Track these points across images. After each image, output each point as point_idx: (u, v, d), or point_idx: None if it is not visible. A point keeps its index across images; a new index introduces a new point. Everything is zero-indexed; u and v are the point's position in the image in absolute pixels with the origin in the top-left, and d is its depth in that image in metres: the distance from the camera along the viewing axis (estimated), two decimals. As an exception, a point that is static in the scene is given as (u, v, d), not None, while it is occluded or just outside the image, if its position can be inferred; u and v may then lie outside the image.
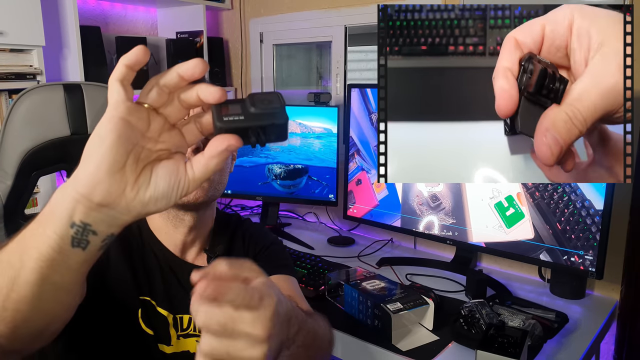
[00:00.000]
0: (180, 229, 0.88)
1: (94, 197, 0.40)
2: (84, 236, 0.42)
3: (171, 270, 0.88)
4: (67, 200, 0.41)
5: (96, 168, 0.40)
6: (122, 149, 0.40)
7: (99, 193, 0.40)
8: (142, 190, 0.42)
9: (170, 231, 0.88)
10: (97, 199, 0.40)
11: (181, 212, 0.86)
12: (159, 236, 0.89)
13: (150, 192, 0.42)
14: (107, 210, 0.41)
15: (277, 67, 2.42)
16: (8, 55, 1.61)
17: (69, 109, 1.16)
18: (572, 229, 1.32)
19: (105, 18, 2.16)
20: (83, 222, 0.42)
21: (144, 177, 0.42)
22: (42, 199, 1.73)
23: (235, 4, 2.41)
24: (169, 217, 0.87)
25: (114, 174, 0.40)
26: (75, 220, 0.41)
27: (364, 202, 1.79)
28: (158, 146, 0.43)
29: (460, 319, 1.19)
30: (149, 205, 0.42)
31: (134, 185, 0.41)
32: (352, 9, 2.02)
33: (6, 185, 1.13)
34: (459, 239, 1.55)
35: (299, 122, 1.92)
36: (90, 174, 0.40)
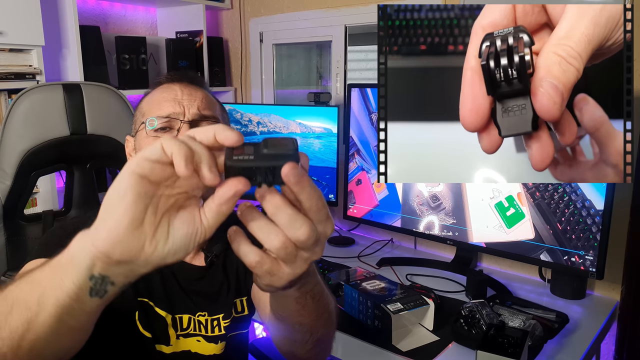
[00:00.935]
0: None
1: (113, 255, 0.40)
2: (102, 287, 0.43)
3: (169, 271, 0.88)
4: (86, 253, 0.42)
5: (116, 225, 0.40)
6: (141, 205, 0.40)
7: (118, 251, 0.40)
8: (160, 244, 0.41)
9: None
10: (116, 257, 0.41)
11: None
12: None
13: (168, 246, 0.42)
14: (126, 265, 0.42)
15: (277, 67, 2.42)
16: (7, 55, 1.61)
17: (69, 109, 1.16)
18: (573, 229, 1.32)
19: (105, 18, 2.16)
20: (102, 274, 0.42)
21: (162, 231, 0.42)
22: (42, 199, 1.73)
23: (235, 3, 2.40)
24: None
25: (133, 230, 0.40)
26: (94, 273, 0.42)
27: (364, 202, 1.79)
28: (175, 191, 0.42)
29: (461, 319, 1.19)
30: (167, 258, 0.42)
31: (152, 239, 0.41)
32: (352, 8, 2.02)
33: (5, 185, 1.13)
34: (459, 239, 1.55)
35: (299, 122, 1.92)
36: (109, 232, 0.40)
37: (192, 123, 0.84)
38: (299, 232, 0.41)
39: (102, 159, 1.23)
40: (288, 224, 0.41)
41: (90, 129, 1.17)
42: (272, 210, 0.41)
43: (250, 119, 1.98)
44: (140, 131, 0.87)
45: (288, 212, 0.41)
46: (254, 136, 1.98)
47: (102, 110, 1.20)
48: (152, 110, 0.86)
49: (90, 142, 1.19)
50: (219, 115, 0.90)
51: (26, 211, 1.20)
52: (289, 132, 1.94)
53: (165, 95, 0.87)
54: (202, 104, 0.87)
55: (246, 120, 1.98)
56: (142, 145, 0.86)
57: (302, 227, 0.41)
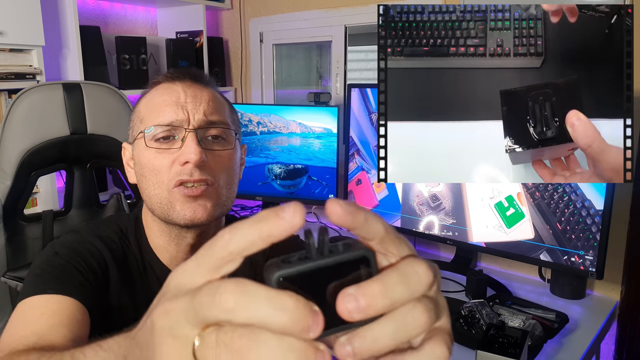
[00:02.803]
0: (182, 247, 0.80)
1: None
2: None
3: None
4: None
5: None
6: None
7: None
8: None
9: (172, 250, 0.80)
10: None
11: (184, 230, 0.77)
12: (160, 255, 0.81)
13: None
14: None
15: (277, 67, 2.42)
16: (8, 55, 1.61)
17: (69, 109, 1.16)
18: (572, 229, 1.32)
19: (105, 18, 2.16)
20: None
21: None
22: (42, 199, 1.73)
23: (235, 3, 2.40)
24: (170, 235, 0.78)
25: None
26: None
27: (364, 202, 1.79)
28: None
29: (460, 319, 1.19)
30: None
31: None
32: (352, 8, 2.02)
33: (5, 185, 1.13)
34: (459, 239, 1.55)
35: (299, 122, 1.92)
36: None
37: (199, 131, 0.73)
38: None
39: (103, 158, 1.23)
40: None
41: (91, 129, 1.17)
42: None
43: (250, 119, 1.98)
44: (139, 140, 0.76)
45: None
46: (254, 136, 1.98)
47: (103, 110, 1.20)
48: (152, 116, 0.75)
49: (91, 142, 1.19)
50: (228, 118, 0.78)
51: (26, 211, 1.20)
52: (289, 132, 1.94)
53: (166, 98, 0.75)
54: (209, 108, 0.75)
55: (246, 120, 1.98)
56: (141, 157, 0.75)
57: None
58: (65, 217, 1.24)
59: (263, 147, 1.97)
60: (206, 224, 0.75)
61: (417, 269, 0.28)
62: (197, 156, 0.70)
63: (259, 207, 2.14)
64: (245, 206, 2.28)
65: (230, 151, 0.77)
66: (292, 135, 1.93)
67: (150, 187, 0.74)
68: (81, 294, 0.70)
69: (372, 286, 0.26)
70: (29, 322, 0.66)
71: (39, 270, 0.73)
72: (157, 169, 0.73)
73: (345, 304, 0.26)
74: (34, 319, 0.66)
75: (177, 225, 0.75)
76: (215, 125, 0.75)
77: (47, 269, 0.72)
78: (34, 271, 0.73)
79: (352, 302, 0.26)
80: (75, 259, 0.74)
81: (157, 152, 0.74)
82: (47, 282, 0.70)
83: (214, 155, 0.75)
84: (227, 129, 0.77)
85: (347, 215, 0.28)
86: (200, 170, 0.72)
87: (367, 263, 0.28)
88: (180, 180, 0.71)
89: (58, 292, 0.69)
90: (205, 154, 0.73)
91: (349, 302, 0.26)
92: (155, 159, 0.73)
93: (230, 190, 0.78)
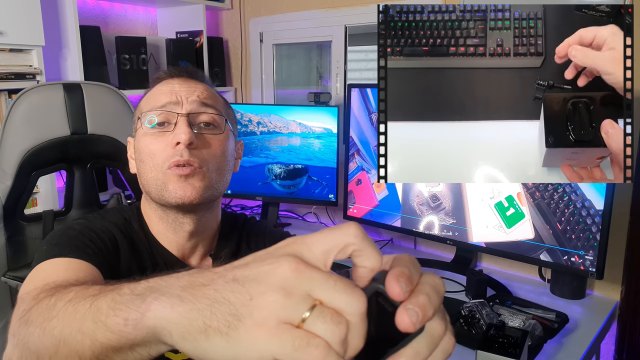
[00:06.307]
0: (180, 234, 0.83)
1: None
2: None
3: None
4: (169, 339, 0.34)
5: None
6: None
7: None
8: None
9: (170, 235, 0.84)
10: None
11: (180, 215, 0.81)
12: (160, 240, 0.85)
13: None
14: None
15: (277, 67, 2.42)
16: (8, 55, 1.61)
17: (69, 109, 1.16)
18: (573, 229, 1.32)
19: (105, 18, 2.16)
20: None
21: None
22: (42, 199, 1.73)
23: (235, 3, 2.40)
24: (168, 220, 0.82)
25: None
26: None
27: (364, 202, 1.79)
28: None
29: (461, 319, 1.19)
30: None
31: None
32: (352, 8, 2.02)
33: (5, 185, 1.13)
34: (459, 239, 1.55)
35: (299, 122, 1.92)
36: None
37: (191, 116, 0.78)
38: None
39: (103, 158, 1.23)
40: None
41: (91, 129, 1.17)
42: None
43: (250, 119, 1.98)
44: (138, 129, 0.82)
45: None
46: (254, 136, 1.98)
47: (103, 110, 1.20)
48: (149, 105, 0.81)
49: (91, 142, 1.19)
50: (221, 110, 0.83)
51: (26, 211, 1.20)
52: (289, 132, 1.94)
53: (162, 88, 0.82)
54: (202, 96, 0.81)
55: (246, 120, 1.98)
56: (140, 144, 0.81)
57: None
58: (65, 217, 1.24)
59: (263, 147, 1.97)
60: (199, 206, 0.80)
61: (437, 281, 0.33)
62: (187, 136, 0.75)
63: (259, 207, 2.14)
64: (245, 206, 2.28)
65: (221, 138, 0.82)
66: (292, 135, 1.93)
67: (148, 170, 0.79)
68: (98, 262, 0.73)
69: (421, 298, 0.31)
70: (51, 273, 0.66)
71: (55, 239, 0.75)
72: (153, 152, 0.78)
73: (410, 317, 0.31)
74: (58, 271, 0.67)
75: (171, 207, 0.79)
76: (206, 112, 0.80)
77: (63, 238, 0.75)
78: (49, 241, 0.76)
79: (414, 315, 0.30)
80: (88, 233, 0.77)
81: (153, 138, 0.79)
82: (64, 248, 0.72)
83: (203, 140, 0.80)
84: (218, 115, 0.82)
85: (409, 292, 0.32)
86: (190, 151, 0.76)
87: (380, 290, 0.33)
88: (173, 162, 0.76)
89: (77, 257, 0.71)
90: (196, 137, 0.78)
91: (412, 315, 0.31)
92: (152, 143, 0.79)
93: (221, 175, 0.82)
